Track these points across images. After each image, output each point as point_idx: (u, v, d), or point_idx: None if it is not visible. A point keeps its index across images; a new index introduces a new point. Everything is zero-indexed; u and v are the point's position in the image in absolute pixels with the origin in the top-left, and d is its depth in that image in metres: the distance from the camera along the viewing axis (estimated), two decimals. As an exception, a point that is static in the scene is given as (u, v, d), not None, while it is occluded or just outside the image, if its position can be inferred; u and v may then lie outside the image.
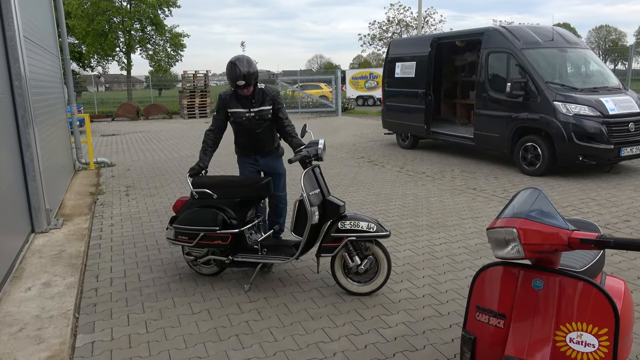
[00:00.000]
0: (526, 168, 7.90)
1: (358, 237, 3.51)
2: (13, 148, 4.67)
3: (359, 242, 3.57)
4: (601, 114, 7.21)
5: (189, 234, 3.76)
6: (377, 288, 3.65)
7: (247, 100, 3.98)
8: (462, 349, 2.04)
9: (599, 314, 1.77)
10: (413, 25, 37.00)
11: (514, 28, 8.71)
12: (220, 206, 3.77)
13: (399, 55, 10.99)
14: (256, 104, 3.99)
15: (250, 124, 4.02)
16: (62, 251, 4.56)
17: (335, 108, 21.66)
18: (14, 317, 3.30)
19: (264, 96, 4.02)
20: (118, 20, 30.70)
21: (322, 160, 3.81)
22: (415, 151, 10.72)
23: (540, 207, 1.87)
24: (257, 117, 4.01)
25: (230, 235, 3.70)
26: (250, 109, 4.00)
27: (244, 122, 4.01)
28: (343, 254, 3.60)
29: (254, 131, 4.05)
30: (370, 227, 3.50)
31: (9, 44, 4.72)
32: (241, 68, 3.76)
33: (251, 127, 4.03)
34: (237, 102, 3.99)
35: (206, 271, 4.09)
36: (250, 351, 2.98)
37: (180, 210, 3.91)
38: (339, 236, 3.52)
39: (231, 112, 4.02)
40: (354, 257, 3.57)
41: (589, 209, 5.87)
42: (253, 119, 4.01)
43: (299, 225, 3.65)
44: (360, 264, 3.57)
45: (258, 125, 4.04)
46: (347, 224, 3.52)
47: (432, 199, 6.50)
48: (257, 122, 4.02)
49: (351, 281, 3.67)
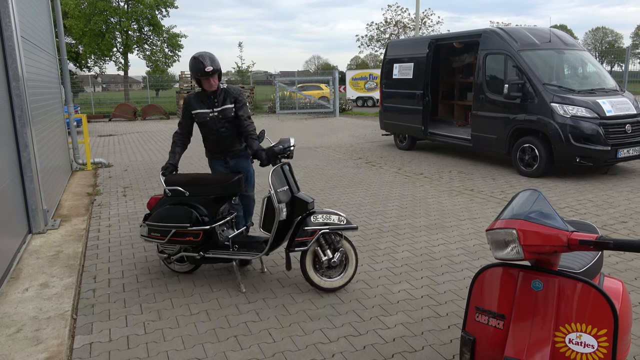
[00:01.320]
0: (523, 169, 7.92)
1: (331, 229, 3.60)
2: (10, 149, 4.66)
3: (331, 235, 3.66)
4: (598, 116, 7.24)
5: (161, 230, 3.82)
6: (348, 281, 3.74)
7: (210, 100, 4.03)
8: (462, 350, 2.04)
9: (598, 315, 1.77)
10: (410, 26, 37.04)
11: (511, 30, 8.74)
12: (192, 203, 3.83)
13: (396, 57, 11.01)
14: (218, 103, 4.03)
15: (215, 123, 4.05)
16: (60, 252, 4.55)
17: (333, 109, 21.68)
18: (11, 318, 3.29)
19: (227, 95, 4.05)
20: (115, 20, 30.62)
21: (291, 158, 3.87)
22: (413, 152, 10.74)
23: (540, 208, 1.88)
24: (221, 116, 4.03)
25: (201, 231, 3.75)
26: (214, 109, 4.03)
27: (208, 122, 4.04)
28: (315, 249, 3.67)
29: (219, 131, 4.07)
30: (341, 219, 3.65)
31: (6, 44, 4.70)
32: (205, 58, 3.84)
33: (216, 127, 4.05)
34: (200, 102, 4.04)
35: (179, 269, 4.14)
36: (249, 352, 2.97)
37: (154, 208, 3.96)
38: (312, 229, 3.59)
39: (195, 114, 4.05)
40: (326, 251, 3.64)
41: (586, 210, 5.89)
42: (217, 118, 4.03)
43: (267, 222, 3.72)
44: (332, 258, 3.64)
45: (222, 125, 4.06)
46: (319, 217, 3.62)
47: (429, 200, 6.50)
48: (220, 122, 4.05)
49: (323, 277, 3.72)
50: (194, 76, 3.94)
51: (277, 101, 22.94)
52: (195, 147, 4.34)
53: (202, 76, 3.86)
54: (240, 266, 4.26)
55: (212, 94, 4.02)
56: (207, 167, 4.30)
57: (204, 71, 3.83)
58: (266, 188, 7.09)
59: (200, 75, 3.86)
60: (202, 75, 3.86)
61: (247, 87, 22.95)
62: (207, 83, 3.93)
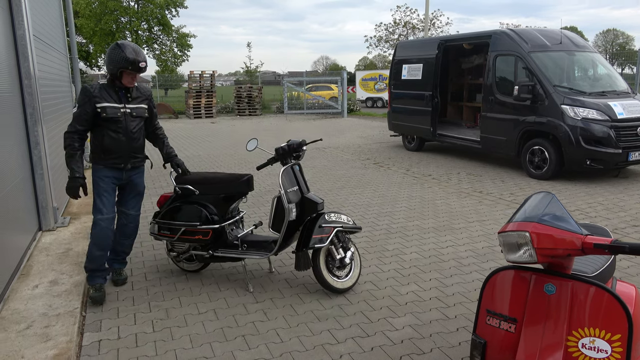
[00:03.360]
0: (533, 172, 7.86)
1: (344, 228, 3.65)
2: (21, 146, 4.69)
3: (343, 234, 3.71)
4: (609, 118, 7.17)
5: (171, 228, 3.83)
6: (356, 281, 3.78)
7: (121, 94, 3.53)
8: (472, 354, 2.02)
9: (611, 319, 1.75)
10: (419, 27, 36.95)
11: (522, 31, 8.68)
12: (202, 202, 3.84)
13: (405, 57, 10.98)
14: (131, 99, 3.58)
15: (127, 121, 3.54)
16: (69, 249, 4.57)
17: (340, 109, 21.67)
18: (21, 314, 3.31)
19: (139, 92, 3.66)
20: (125, 20, 30.87)
21: (300, 159, 3.88)
22: (421, 153, 10.70)
23: (553, 211, 1.86)
24: (134, 113, 3.58)
25: (211, 230, 3.75)
26: (126, 105, 3.54)
27: (119, 118, 3.50)
28: (329, 247, 3.67)
29: (129, 131, 3.57)
30: (349, 220, 3.71)
31: (19, 43, 4.74)
32: (139, 52, 3.41)
33: (127, 125, 3.55)
34: (108, 95, 3.47)
35: (188, 267, 4.15)
36: (256, 352, 2.97)
37: (163, 206, 3.98)
38: (329, 227, 3.60)
39: (102, 107, 3.43)
40: (338, 249, 3.67)
41: (596, 213, 5.83)
42: (129, 115, 3.55)
43: (276, 222, 3.73)
44: (344, 256, 3.67)
45: (134, 124, 3.60)
46: (332, 216, 3.66)
47: (438, 202, 6.47)
48: (133, 120, 3.58)
49: (334, 278, 3.71)
50: (115, 67, 3.40)
51: (285, 101, 22.96)
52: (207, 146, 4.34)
53: (133, 70, 3.39)
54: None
55: (124, 88, 3.53)
56: (218, 167, 4.27)
57: (137, 66, 3.37)
58: (275, 188, 7.10)
59: (131, 69, 3.37)
60: (132, 69, 3.38)
61: (255, 87, 22.99)
62: (130, 79, 3.48)
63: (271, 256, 3.82)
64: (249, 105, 22.75)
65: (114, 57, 3.39)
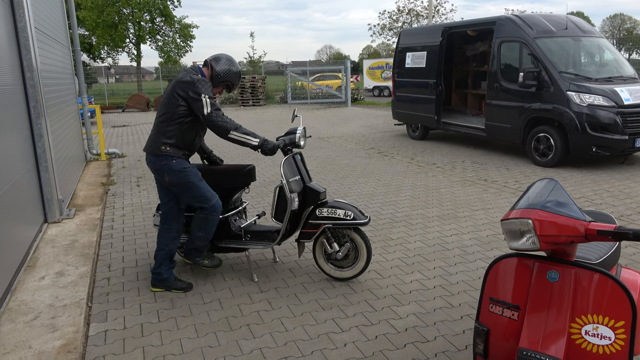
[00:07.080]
0: (538, 159, 7.81)
1: (334, 225, 3.58)
2: (26, 139, 4.71)
3: (337, 229, 3.66)
4: (616, 104, 7.09)
5: None
6: (358, 273, 3.72)
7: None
8: (475, 341, 2.02)
9: (615, 306, 1.74)
10: (424, 14, 36.57)
11: (527, 17, 8.56)
12: None
13: (409, 45, 10.88)
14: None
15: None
16: (75, 241, 4.61)
17: (344, 99, 21.57)
18: (28, 305, 3.35)
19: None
20: (128, 11, 30.73)
21: (301, 147, 3.81)
22: (426, 142, 10.65)
23: (556, 198, 1.84)
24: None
25: None
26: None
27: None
28: (322, 240, 3.68)
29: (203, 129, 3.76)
30: (347, 214, 3.56)
31: (20, 35, 4.74)
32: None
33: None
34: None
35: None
36: (261, 341, 2.99)
37: None
38: (316, 223, 3.60)
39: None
40: (332, 244, 3.65)
41: (602, 200, 5.79)
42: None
43: (279, 212, 3.72)
44: (338, 251, 3.65)
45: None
46: (324, 211, 3.60)
47: (442, 190, 6.45)
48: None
49: (332, 267, 3.76)
50: (231, 82, 3.67)
51: (289, 91, 22.88)
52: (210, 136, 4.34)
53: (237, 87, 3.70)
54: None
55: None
56: (221, 157, 4.24)
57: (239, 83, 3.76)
58: (278, 178, 7.09)
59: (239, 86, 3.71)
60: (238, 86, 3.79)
61: (258, 77, 22.91)
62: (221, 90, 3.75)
63: (275, 246, 3.83)
64: (253, 95, 22.69)
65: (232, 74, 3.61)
